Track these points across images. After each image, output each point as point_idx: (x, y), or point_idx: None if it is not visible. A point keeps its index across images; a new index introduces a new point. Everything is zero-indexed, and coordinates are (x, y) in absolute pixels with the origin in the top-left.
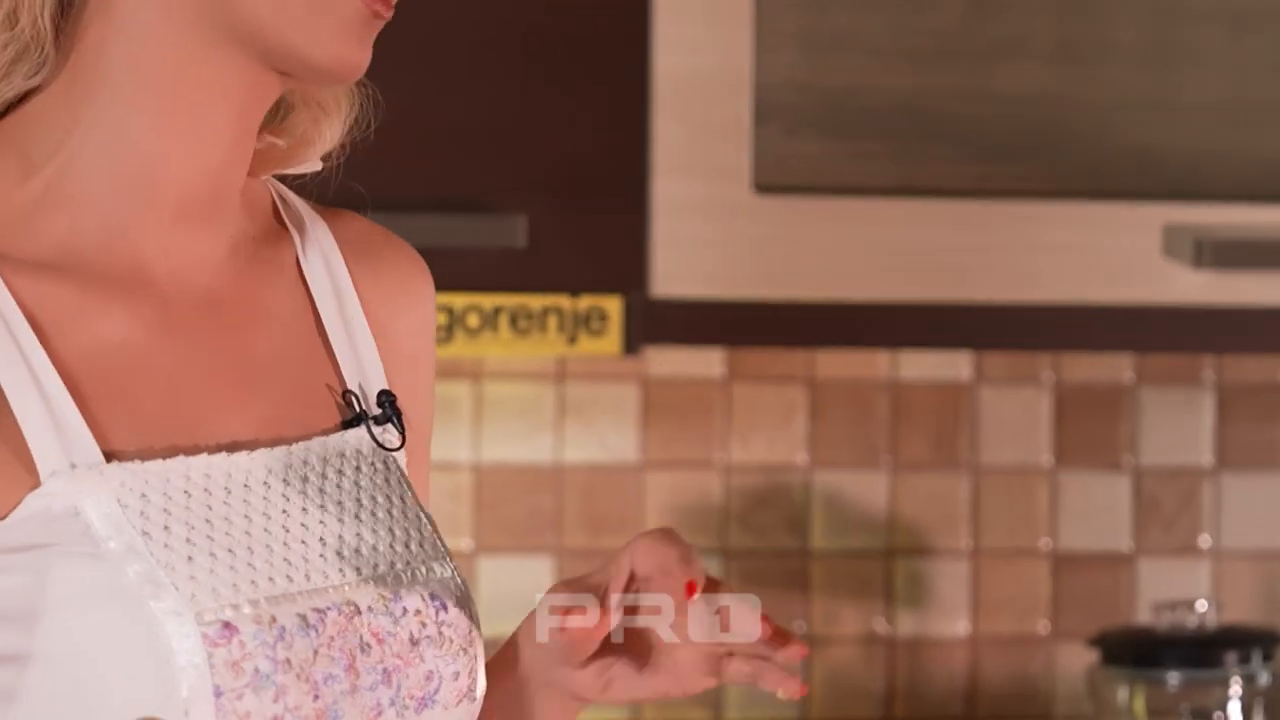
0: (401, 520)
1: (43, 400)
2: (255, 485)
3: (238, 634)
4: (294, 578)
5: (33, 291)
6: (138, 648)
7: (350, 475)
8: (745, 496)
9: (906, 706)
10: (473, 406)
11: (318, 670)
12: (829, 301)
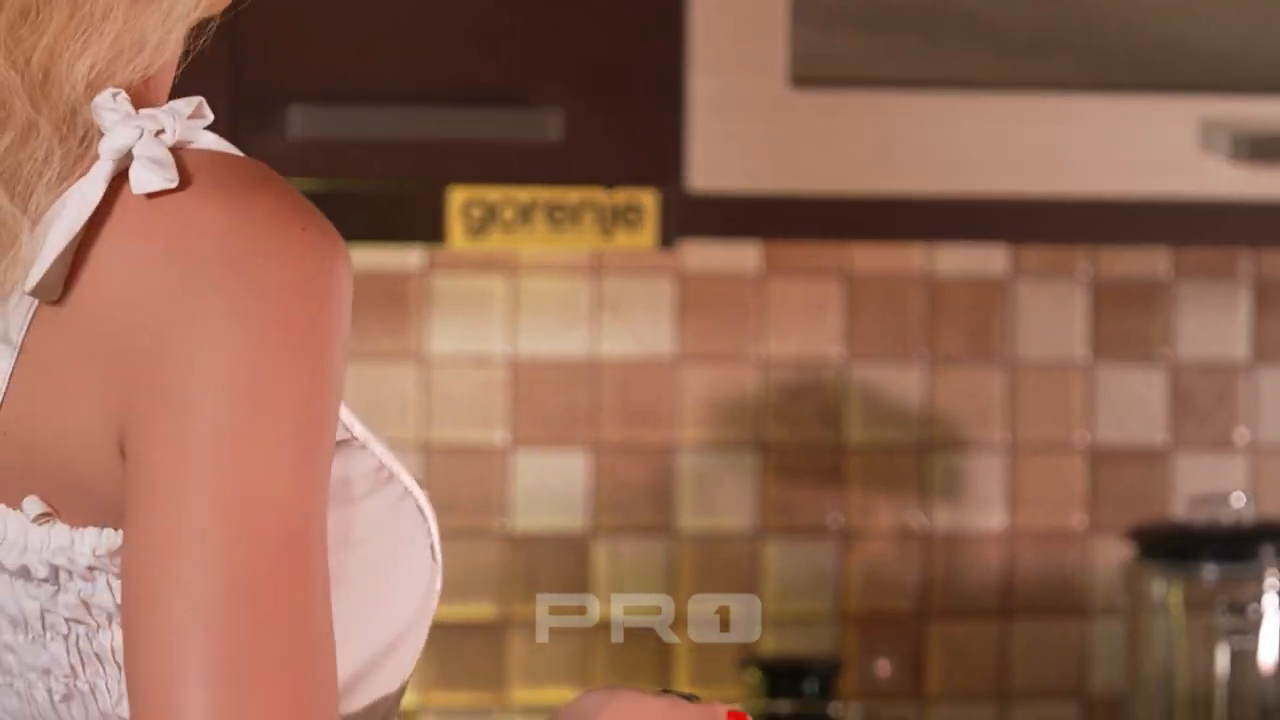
0: None
1: None
2: None
3: (423, 494)
4: None
5: None
6: (410, 520)
7: None
8: (781, 390)
9: (942, 600)
10: (508, 301)
11: None
12: (865, 195)
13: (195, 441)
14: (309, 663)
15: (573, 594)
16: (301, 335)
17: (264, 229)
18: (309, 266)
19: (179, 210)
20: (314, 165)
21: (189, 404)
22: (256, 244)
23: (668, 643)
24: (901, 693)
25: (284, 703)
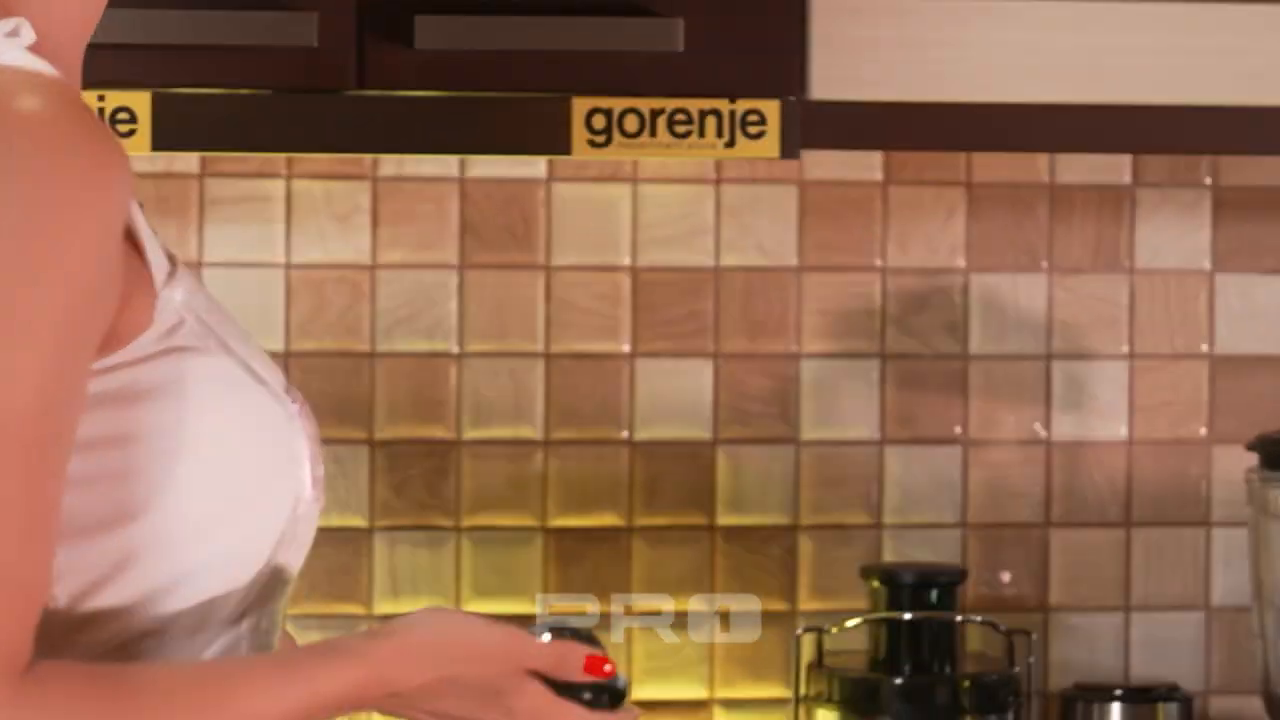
0: None
1: (140, 217)
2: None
3: (303, 409)
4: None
5: None
6: (265, 429)
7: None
8: (903, 300)
9: (1063, 510)
10: (631, 210)
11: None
12: (987, 104)
13: None
14: (9, 541)
15: (575, 594)
16: (26, 241)
17: (12, 139)
18: (33, 187)
19: None
20: (440, 76)
21: None
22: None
23: (786, 553)
24: (1024, 603)
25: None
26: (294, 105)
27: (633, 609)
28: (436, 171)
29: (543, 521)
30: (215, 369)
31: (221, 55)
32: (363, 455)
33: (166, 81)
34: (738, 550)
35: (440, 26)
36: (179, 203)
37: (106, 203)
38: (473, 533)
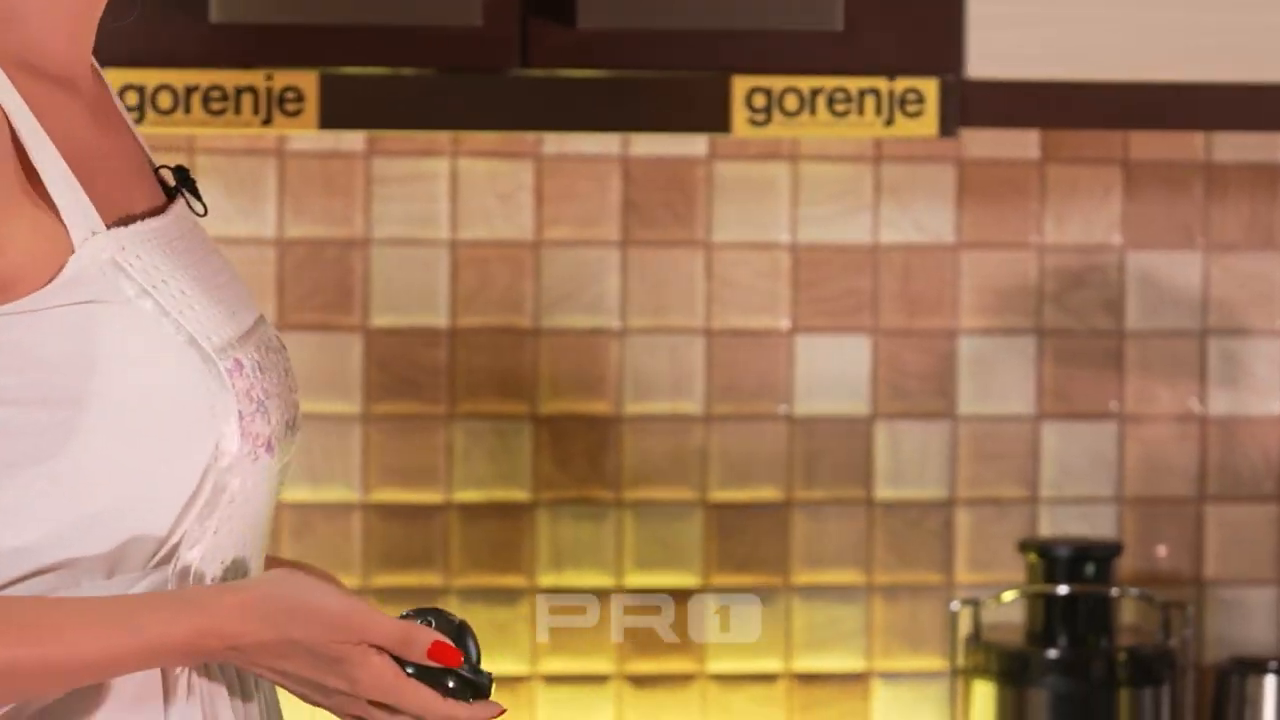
0: (239, 279)
1: (62, 180)
2: (177, 245)
3: (243, 368)
4: (240, 321)
5: (26, 86)
6: (192, 382)
7: (202, 237)
8: (1060, 276)
9: (1218, 484)
10: (791, 187)
11: (274, 391)
12: (1143, 82)
13: None
14: None
15: (575, 595)
16: None
17: None
18: None
19: None
20: (602, 55)
21: None
22: None
23: (944, 527)
24: (1179, 576)
25: None
26: (458, 85)
27: (793, 585)
28: (598, 150)
29: (703, 496)
30: (129, 323)
31: (387, 35)
32: (526, 430)
33: (333, 61)
34: (895, 524)
35: (602, 6)
36: (345, 181)
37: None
38: (633, 507)
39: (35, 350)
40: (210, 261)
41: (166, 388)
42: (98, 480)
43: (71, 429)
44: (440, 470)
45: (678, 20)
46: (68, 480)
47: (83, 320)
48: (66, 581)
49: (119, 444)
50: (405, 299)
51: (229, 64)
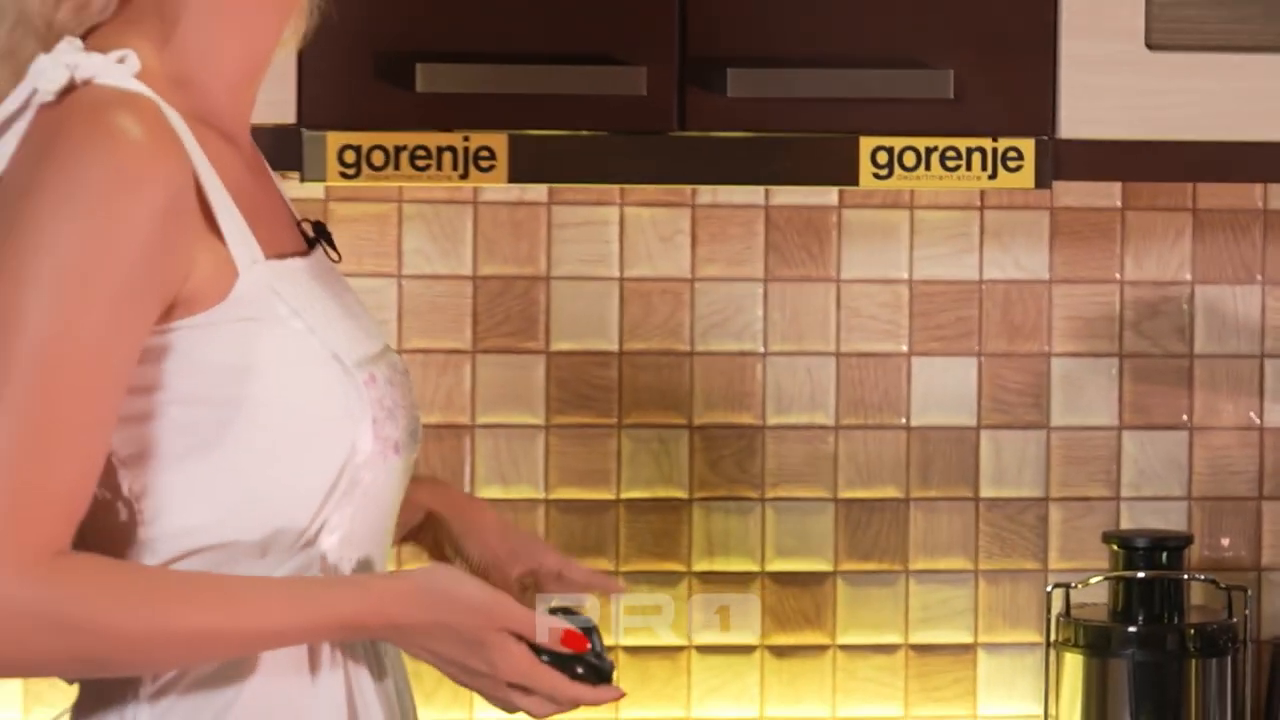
0: (371, 315)
1: (231, 217)
2: (319, 280)
3: (376, 381)
4: (373, 344)
5: (204, 139)
6: (334, 391)
7: (338, 277)
8: (1138, 307)
9: (1273, 486)
10: (909, 232)
11: (402, 403)
12: (1208, 141)
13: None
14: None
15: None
16: (63, 236)
17: (52, 147)
18: (73, 184)
19: (44, 123)
20: (748, 119)
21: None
22: (41, 163)
23: (1039, 521)
24: (1240, 564)
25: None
26: (626, 145)
27: (913, 571)
28: (745, 200)
29: (834, 494)
30: (281, 339)
31: (566, 103)
32: (684, 438)
33: (520, 125)
34: (997, 518)
35: (749, 78)
36: (530, 226)
37: (150, 202)
38: (775, 503)
39: (203, 358)
40: (345, 296)
41: (312, 393)
42: (251, 470)
43: (230, 426)
44: (611, 472)
45: (813, 90)
46: (226, 470)
47: (243, 334)
48: (225, 560)
49: (270, 440)
50: (581, 327)
51: (432, 127)
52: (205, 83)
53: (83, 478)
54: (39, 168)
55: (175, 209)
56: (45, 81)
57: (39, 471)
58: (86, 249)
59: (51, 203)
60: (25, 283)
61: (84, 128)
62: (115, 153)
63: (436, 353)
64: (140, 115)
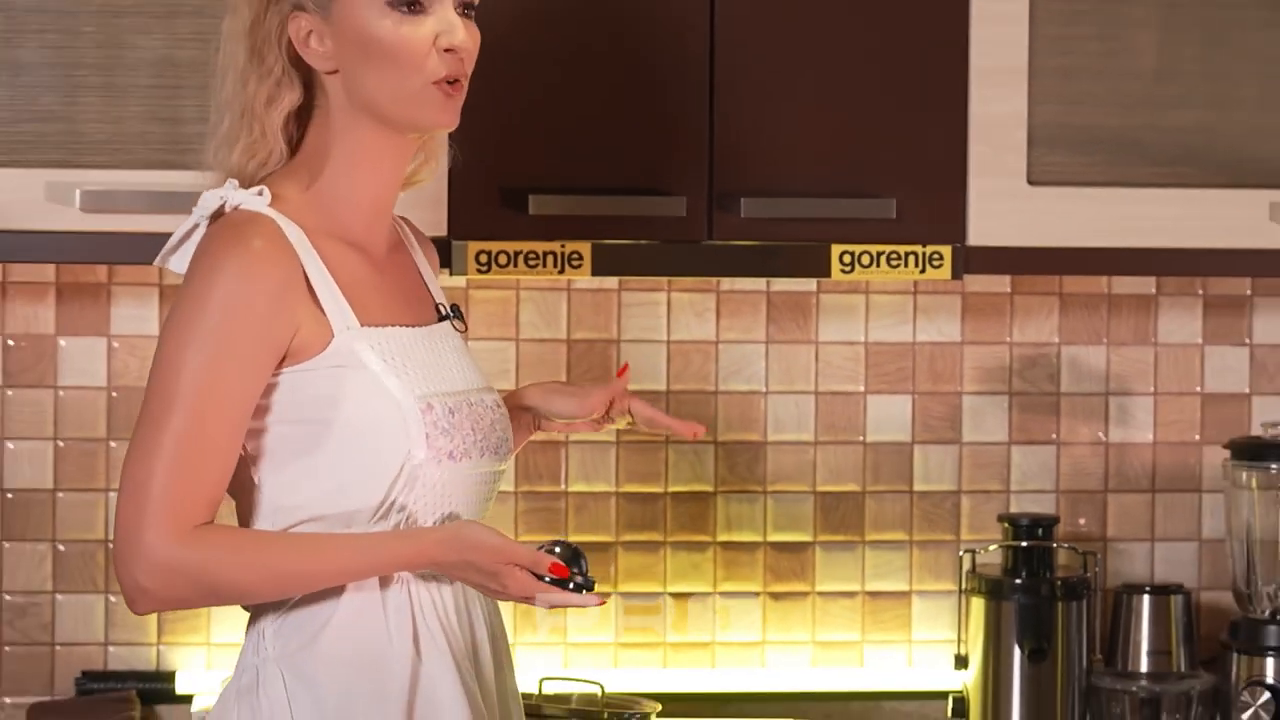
0: (473, 365)
1: (331, 296)
2: (423, 342)
3: (433, 409)
4: (449, 385)
5: (322, 245)
6: (393, 416)
7: (451, 341)
8: (1022, 361)
9: (1115, 482)
10: (865, 309)
11: (466, 425)
12: (1070, 247)
13: (163, 348)
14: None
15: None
16: (193, 310)
17: (205, 253)
18: (206, 270)
19: (204, 237)
20: (756, 232)
21: (166, 332)
22: (199, 263)
23: (954, 507)
24: (1092, 536)
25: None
26: (672, 250)
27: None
28: (753, 287)
29: (813, 488)
30: (360, 380)
31: (630, 222)
32: (710, 450)
33: (600, 236)
34: (925, 505)
35: (757, 204)
36: (605, 306)
37: (253, 286)
38: (773, 494)
39: (304, 393)
40: (446, 353)
41: (376, 418)
42: (335, 469)
43: (322, 439)
44: (660, 474)
45: (800, 212)
46: (318, 469)
47: (333, 377)
48: (322, 529)
49: (348, 448)
50: (641, 374)
51: (539, 238)
52: (341, 212)
53: (219, 476)
54: (198, 265)
55: (282, 292)
56: (204, 208)
57: (188, 473)
58: (224, 320)
59: (204, 289)
60: (185, 343)
61: (223, 239)
62: (242, 256)
63: None
64: (260, 229)
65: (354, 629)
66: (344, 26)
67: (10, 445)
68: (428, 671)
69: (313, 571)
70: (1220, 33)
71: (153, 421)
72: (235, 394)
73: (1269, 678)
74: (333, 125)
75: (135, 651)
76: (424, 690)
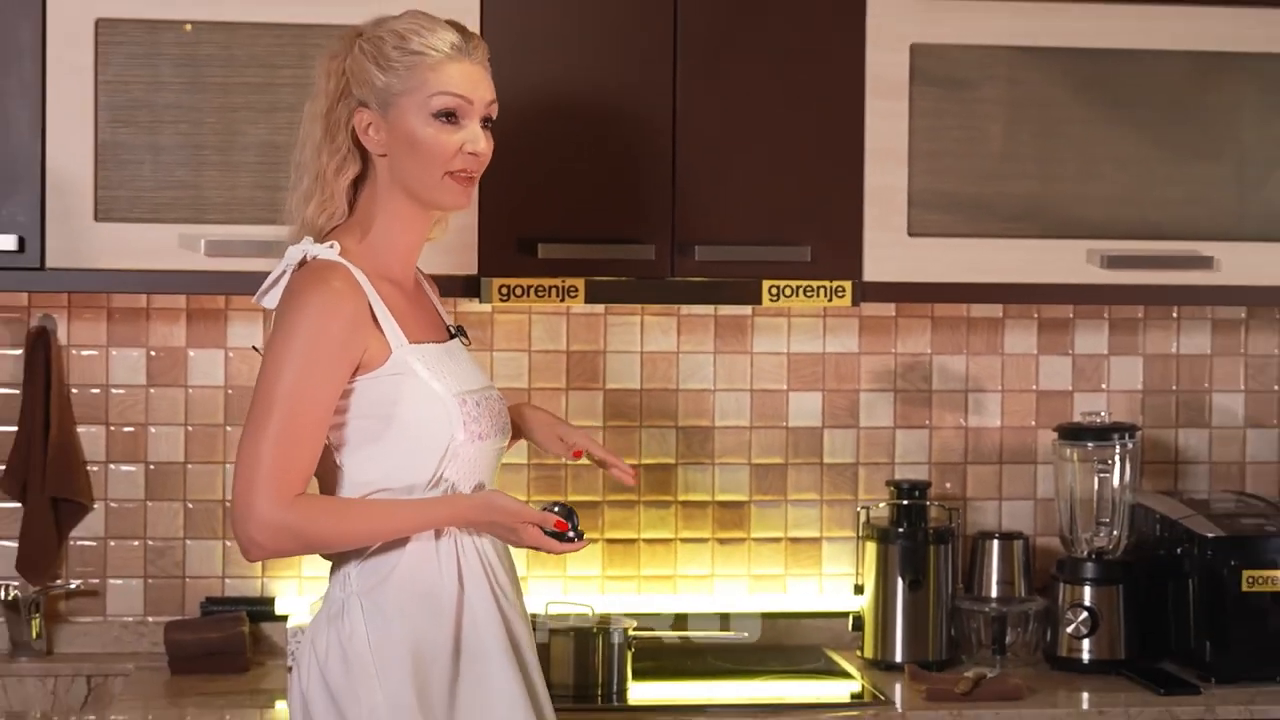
0: (481, 369)
1: (387, 322)
2: (447, 354)
3: (466, 403)
4: (472, 385)
5: (377, 284)
6: (439, 410)
7: (463, 352)
8: (903, 367)
9: (973, 455)
10: (787, 329)
11: (485, 414)
12: (938, 283)
13: (267, 363)
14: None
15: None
16: (290, 333)
17: (296, 292)
18: (299, 305)
19: (293, 280)
20: (707, 271)
21: (269, 350)
22: (291, 299)
23: (854, 474)
24: (957, 496)
25: (250, 449)
26: (645, 285)
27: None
28: (704, 312)
29: (749, 461)
30: (414, 384)
31: (614, 263)
32: (672, 432)
33: (591, 274)
34: (832, 474)
35: (708, 250)
36: (595, 325)
37: (333, 316)
38: (719, 465)
39: (372, 395)
40: (463, 362)
41: (427, 412)
42: (395, 452)
43: (384, 430)
44: (635, 448)
45: (739, 256)
46: (385, 452)
47: (393, 383)
48: (389, 498)
49: (407, 435)
50: (621, 377)
51: (545, 275)
52: (386, 259)
53: (310, 458)
54: (293, 300)
55: (355, 322)
56: (290, 259)
57: (287, 455)
58: (312, 343)
59: (297, 319)
60: (284, 361)
61: (309, 282)
62: (325, 295)
63: (549, 390)
64: (337, 274)
65: (415, 570)
66: (397, 125)
67: (152, 429)
68: (469, 598)
69: (383, 529)
70: (1049, 126)
71: (259, 418)
72: (319, 397)
73: (1086, 601)
74: (379, 195)
75: (245, 582)
76: (467, 611)
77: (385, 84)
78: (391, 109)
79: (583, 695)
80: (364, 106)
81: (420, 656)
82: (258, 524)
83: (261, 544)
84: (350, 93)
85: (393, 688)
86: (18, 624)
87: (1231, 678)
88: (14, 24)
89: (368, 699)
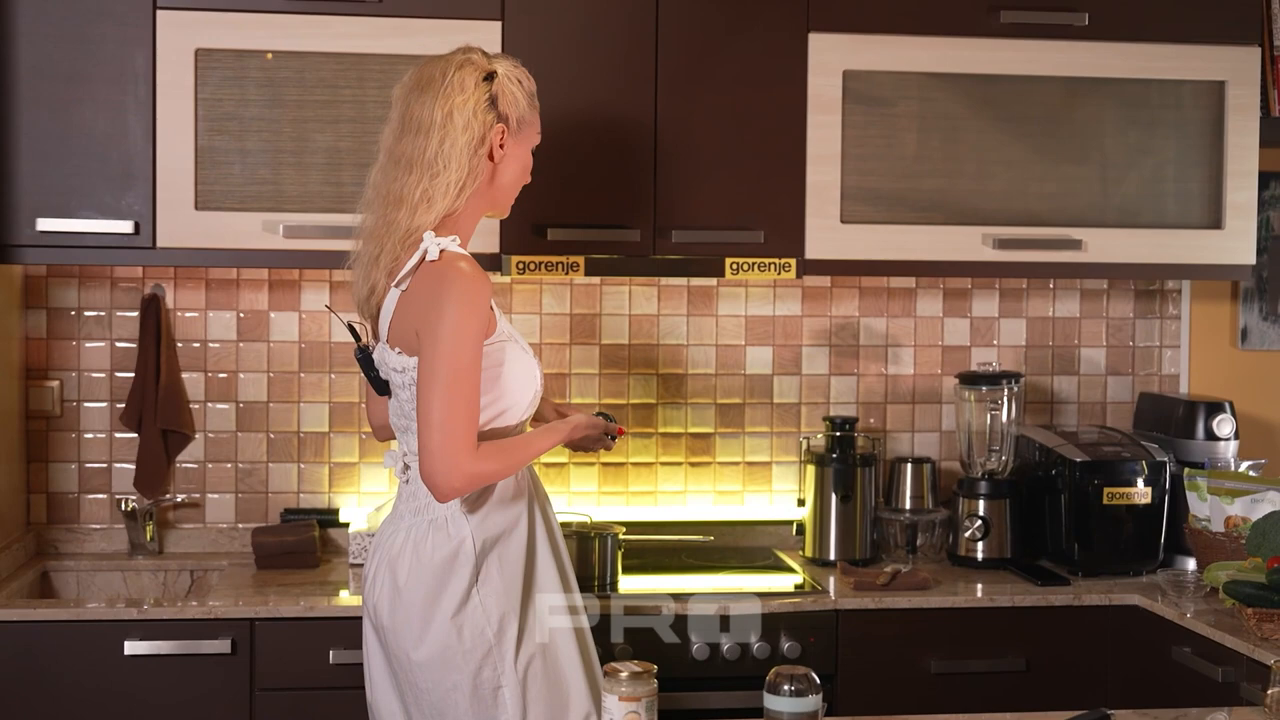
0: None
1: (496, 308)
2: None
3: (538, 360)
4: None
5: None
6: (529, 367)
7: (515, 332)
8: (837, 327)
9: (893, 397)
10: (745, 297)
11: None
12: (865, 259)
13: (435, 339)
14: (459, 407)
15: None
16: (462, 315)
17: (453, 279)
18: (464, 291)
19: (435, 269)
20: (682, 250)
21: (435, 330)
22: (451, 285)
23: (798, 411)
24: (880, 430)
25: (445, 413)
26: (632, 261)
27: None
28: (679, 283)
29: (715, 401)
30: (513, 349)
31: (608, 244)
32: (654, 378)
33: (590, 252)
34: (780, 411)
35: (683, 234)
36: (592, 294)
37: (485, 299)
38: (691, 405)
39: (490, 358)
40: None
41: (523, 367)
42: (503, 397)
43: (496, 379)
44: (625, 391)
45: (706, 239)
46: (496, 398)
47: (500, 347)
48: (505, 434)
49: (511, 385)
50: (614, 334)
51: (553, 253)
52: (462, 227)
53: (478, 414)
54: (454, 289)
55: (489, 299)
56: (430, 252)
57: (471, 416)
58: (477, 320)
59: (464, 303)
60: (463, 337)
61: (465, 269)
62: (478, 280)
63: (556, 345)
64: (470, 261)
65: (503, 489)
66: (516, 146)
67: (241, 375)
68: (536, 507)
69: (530, 455)
70: (952, 133)
71: (449, 386)
72: (475, 364)
73: (980, 512)
74: (473, 195)
75: (315, 496)
76: (537, 517)
77: (521, 113)
78: (520, 132)
79: (584, 586)
80: (502, 123)
81: (508, 550)
82: (462, 476)
83: (461, 489)
84: (494, 108)
85: (501, 568)
86: (135, 529)
87: (1094, 572)
88: (131, 54)
89: (485, 575)
